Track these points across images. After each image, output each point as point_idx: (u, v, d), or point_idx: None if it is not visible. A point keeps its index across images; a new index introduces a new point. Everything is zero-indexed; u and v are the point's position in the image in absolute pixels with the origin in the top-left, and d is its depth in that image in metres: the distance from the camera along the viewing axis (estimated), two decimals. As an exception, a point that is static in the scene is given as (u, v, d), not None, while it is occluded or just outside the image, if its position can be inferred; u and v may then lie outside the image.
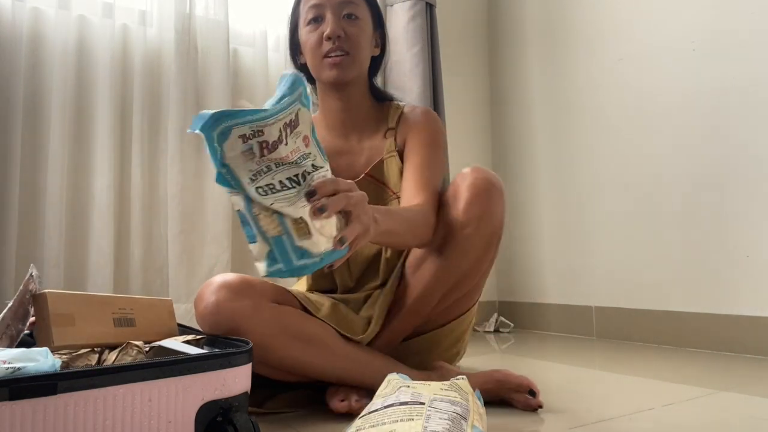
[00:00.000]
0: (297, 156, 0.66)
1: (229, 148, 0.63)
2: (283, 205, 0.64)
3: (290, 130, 0.66)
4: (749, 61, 1.61)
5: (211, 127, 0.62)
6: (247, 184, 0.64)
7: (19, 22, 1.54)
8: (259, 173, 0.64)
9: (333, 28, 1.07)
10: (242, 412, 0.65)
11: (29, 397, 0.51)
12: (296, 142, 0.66)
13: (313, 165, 0.68)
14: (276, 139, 0.64)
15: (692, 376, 1.28)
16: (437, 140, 1.14)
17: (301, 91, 0.68)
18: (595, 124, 2.04)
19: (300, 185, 0.66)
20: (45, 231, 1.53)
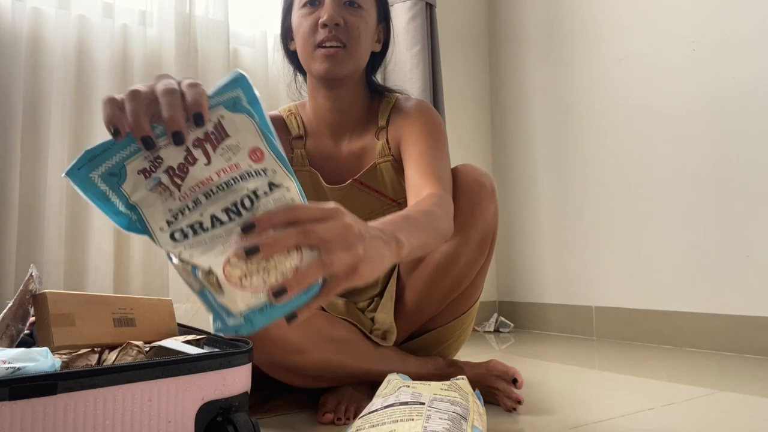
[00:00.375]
0: (231, 176, 0.50)
1: (132, 189, 0.49)
2: (193, 253, 0.48)
3: (212, 145, 0.50)
4: (749, 61, 1.61)
5: (87, 168, 0.48)
6: (159, 231, 0.49)
7: (19, 22, 1.54)
8: (182, 211, 0.49)
9: (331, 14, 0.95)
10: (242, 412, 0.65)
11: (29, 397, 0.51)
12: (230, 159, 0.50)
13: (270, 184, 0.50)
14: (182, 160, 0.49)
15: (692, 376, 1.28)
16: (436, 129, 1.01)
17: (236, 94, 0.52)
18: (595, 123, 2.04)
19: (242, 215, 0.49)
20: (45, 231, 1.53)
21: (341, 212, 0.51)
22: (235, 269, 0.47)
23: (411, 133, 1.00)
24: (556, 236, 2.18)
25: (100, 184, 0.49)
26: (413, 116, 1.03)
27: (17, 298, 0.71)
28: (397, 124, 1.04)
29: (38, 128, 1.57)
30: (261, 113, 0.53)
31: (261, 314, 0.48)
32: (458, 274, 1.01)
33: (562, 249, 2.15)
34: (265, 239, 0.46)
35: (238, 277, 0.47)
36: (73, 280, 1.58)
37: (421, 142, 0.97)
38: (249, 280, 0.48)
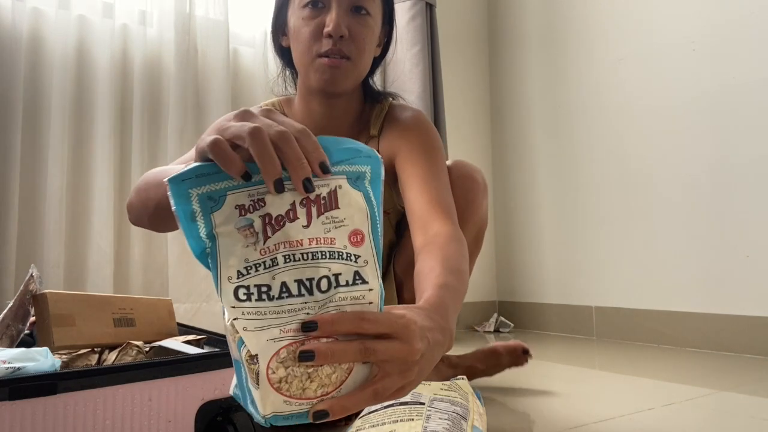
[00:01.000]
0: (321, 249, 0.46)
1: (222, 221, 0.45)
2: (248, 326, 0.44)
3: (318, 210, 0.47)
4: (749, 61, 1.61)
5: (191, 183, 0.45)
6: (226, 281, 0.45)
7: (19, 23, 1.54)
8: (257, 266, 0.45)
9: (337, 24, 0.87)
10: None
11: (29, 397, 0.51)
12: (329, 231, 0.46)
13: (355, 274, 0.46)
14: (283, 213, 0.45)
15: (692, 376, 1.28)
16: (435, 147, 0.95)
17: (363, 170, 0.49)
18: (595, 123, 2.04)
19: (313, 294, 0.45)
20: (45, 231, 1.53)
21: (410, 332, 0.46)
22: (280, 369, 0.44)
23: (409, 152, 0.93)
24: (556, 236, 2.18)
25: (195, 203, 0.45)
26: (410, 131, 0.96)
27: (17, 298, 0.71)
28: (391, 136, 0.97)
29: (38, 128, 1.57)
30: (378, 198, 0.50)
31: (284, 419, 0.45)
32: None
33: (562, 249, 2.15)
34: (323, 349, 0.43)
35: (278, 379, 0.44)
36: (73, 280, 1.58)
37: (421, 163, 0.91)
38: (288, 385, 0.44)
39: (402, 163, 0.93)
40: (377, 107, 1.02)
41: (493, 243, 2.39)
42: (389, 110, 1.01)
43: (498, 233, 2.40)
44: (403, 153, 0.94)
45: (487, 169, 2.47)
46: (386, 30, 1.01)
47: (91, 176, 1.62)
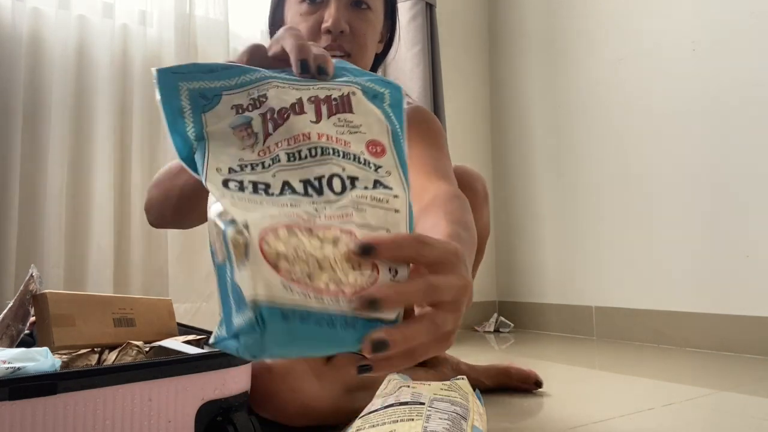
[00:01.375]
0: (333, 146, 0.38)
1: (214, 120, 0.39)
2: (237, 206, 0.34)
3: (329, 110, 0.40)
4: (749, 61, 1.61)
5: (181, 76, 0.40)
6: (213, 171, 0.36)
7: (19, 22, 1.54)
8: (253, 166, 0.37)
9: (336, 19, 0.83)
10: (242, 411, 0.65)
11: (29, 397, 0.50)
12: (343, 133, 0.39)
13: (375, 182, 0.37)
14: (287, 105, 0.39)
15: (692, 376, 1.28)
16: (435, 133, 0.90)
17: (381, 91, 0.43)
18: (595, 123, 2.04)
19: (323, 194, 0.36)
20: (45, 231, 1.53)
21: (462, 263, 0.37)
22: (278, 244, 0.32)
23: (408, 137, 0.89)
24: (556, 236, 2.18)
25: (184, 98, 0.40)
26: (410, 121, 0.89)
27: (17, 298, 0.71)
28: None
29: (38, 128, 1.57)
30: (401, 123, 0.42)
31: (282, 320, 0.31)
32: None
33: (562, 249, 2.15)
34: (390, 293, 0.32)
35: (275, 254, 0.31)
36: (73, 280, 1.58)
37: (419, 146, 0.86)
38: (289, 265, 0.32)
39: None
40: None
41: (493, 243, 2.39)
42: None
43: (498, 233, 2.40)
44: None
45: (487, 169, 2.47)
46: (388, 25, 0.97)
47: (91, 176, 1.62)
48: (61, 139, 1.56)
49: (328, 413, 0.80)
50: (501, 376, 1.12)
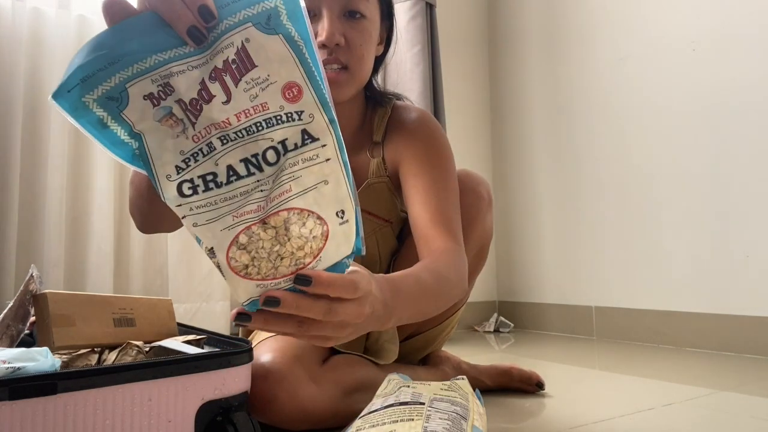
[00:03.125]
0: (255, 120, 0.40)
1: (138, 117, 0.40)
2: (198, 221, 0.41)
3: (233, 78, 0.40)
4: (749, 61, 1.61)
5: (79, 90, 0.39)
6: (165, 180, 0.40)
7: (19, 22, 1.54)
8: (195, 156, 0.40)
9: (330, 32, 0.81)
10: (242, 411, 0.65)
11: (29, 397, 0.50)
12: (256, 97, 0.40)
13: (303, 133, 0.41)
14: (195, 95, 0.40)
15: (692, 376, 1.28)
16: (441, 154, 0.90)
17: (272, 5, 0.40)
18: (595, 123, 2.04)
19: (263, 170, 0.41)
20: (45, 231, 1.53)
21: (366, 299, 0.49)
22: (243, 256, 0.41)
23: (412, 160, 0.89)
24: (556, 236, 2.18)
25: (96, 109, 0.39)
26: (413, 137, 0.92)
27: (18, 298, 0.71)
28: (396, 142, 0.93)
29: (38, 128, 1.57)
30: (306, 34, 0.41)
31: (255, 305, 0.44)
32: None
33: (562, 249, 2.15)
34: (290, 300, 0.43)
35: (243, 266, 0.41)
36: (73, 280, 1.58)
37: (424, 173, 0.86)
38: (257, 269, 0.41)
39: (405, 174, 0.89)
40: (380, 111, 0.97)
41: (494, 243, 2.39)
42: (392, 113, 0.96)
43: (498, 233, 2.40)
44: (406, 162, 0.90)
45: (487, 169, 2.47)
46: (386, 25, 0.95)
47: (91, 176, 1.62)
48: (61, 139, 1.57)
49: (326, 416, 0.80)
50: (502, 376, 1.11)
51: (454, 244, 0.79)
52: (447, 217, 0.82)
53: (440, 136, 0.93)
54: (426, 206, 0.83)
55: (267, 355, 0.78)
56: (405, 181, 0.89)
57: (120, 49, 0.39)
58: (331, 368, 0.85)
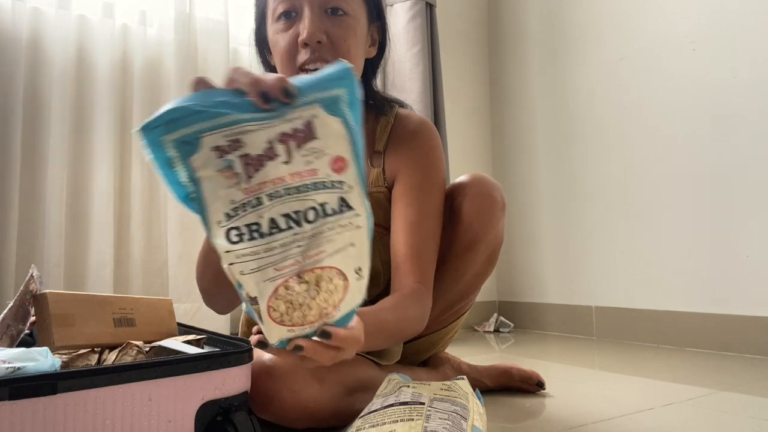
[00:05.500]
0: (305, 181, 0.47)
1: (202, 165, 0.46)
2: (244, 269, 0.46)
3: (297, 144, 0.47)
4: (749, 61, 1.61)
5: (163, 130, 0.45)
6: (215, 225, 0.46)
7: (19, 22, 1.54)
8: (243, 207, 0.46)
9: (311, 31, 0.81)
10: (242, 411, 0.65)
11: (29, 397, 0.50)
12: (310, 163, 0.47)
13: (341, 201, 0.48)
14: (261, 152, 0.46)
15: (692, 376, 1.28)
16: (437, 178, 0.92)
17: (337, 93, 0.49)
18: (595, 123, 2.04)
19: (302, 227, 0.47)
20: (45, 231, 1.53)
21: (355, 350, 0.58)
22: (280, 306, 0.48)
23: (409, 181, 0.91)
24: (556, 236, 2.18)
25: (170, 149, 0.46)
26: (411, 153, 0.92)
27: (18, 298, 0.71)
28: (395, 154, 0.93)
29: (38, 128, 1.57)
30: (357, 120, 0.50)
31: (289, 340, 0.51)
32: (465, 286, 1.00)
33: (562, 249, 2.15)
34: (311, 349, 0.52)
35: (279, 315, 0.48)
36: (73, 280, 1.58)
37: (417, 200, 0.89)
38: (290, 317, 0.48)
39: (398, 196, 0.91)
40: (383, 120, 0.96)
41: (493, 243, 2.39)
42: (395, 122, 0.96)
43: (498, 233, 2.40)
44: (401, 182, 0.91)
45: (487, 169, 2.47)
46: (378, 26, 0.94)
47: (91, 176, 1.62)
48: (61, 139, 1.56)
49: (328, 415, 0.80)
50: (503, 376, 1.11)
51: (421, 286, 0.85)
52: (423, 254, 0.87)
53: (438, 156, 0.95)
54: (407, 239, 0.87)
55: (269, 353, 0.78)
56: (395, 203, 0.91)
57: (207, 103, 0.46)
58: (333, 367, 0.84)
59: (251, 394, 0.72)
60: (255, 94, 0.47)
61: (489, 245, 0.97)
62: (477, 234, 0.93)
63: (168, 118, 0.45)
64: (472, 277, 1.00)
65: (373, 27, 0.93)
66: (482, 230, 0.93)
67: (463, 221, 0.93)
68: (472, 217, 0.92)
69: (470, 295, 1.03)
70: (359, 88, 0.51)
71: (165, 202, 1.71)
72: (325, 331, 0.51)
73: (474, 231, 0.92)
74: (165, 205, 1.71)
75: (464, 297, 1.02)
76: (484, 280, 1.03)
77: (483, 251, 0.96)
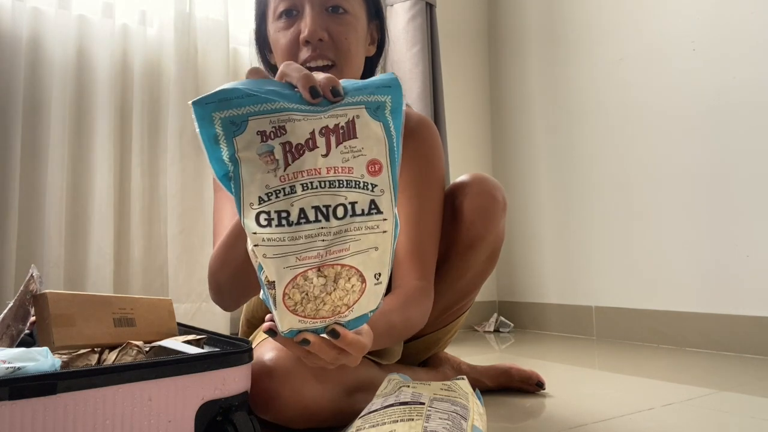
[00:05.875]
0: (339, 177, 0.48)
1: (244, 146, 0.47)
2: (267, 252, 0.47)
3: (337, 139, 0.48)
4: (749, 61, 1.61)
5: (214, 107, 0.47)
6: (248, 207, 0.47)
7: (19, 22, 1.54)
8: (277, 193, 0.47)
9: (312, 29, 0.82)
10: (242, 411, 0.65)
11: (29, 397, 0.50)
12: (347, 160, 0.48)
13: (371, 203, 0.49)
14: (302, 141, 0.47)
15: (692, 376, 1.28)
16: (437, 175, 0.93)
17: (383, 100, 0.51)
18: (595, 123, 2.04)
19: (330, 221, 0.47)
20: (45, 231, 1.53)
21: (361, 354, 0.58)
22: (295, 294, 0.48)
23: (409, 178, 0.91)
24: (556, 236, 2.18)
25: (218, 126, 0.48)
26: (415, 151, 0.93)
27: (18, 298, 0.71)
28: None
29: (38, 128, 1.57)
30: (398, 129, 0.52)
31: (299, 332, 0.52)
32: (465, 286, 1.00)
33: (562, 249, 2.15)
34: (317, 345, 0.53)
35: (294, 304, 0.48)
36: (73, 280, 1.58)
37: (419, 195, 0.90)
38: (303, 308, 0.49)
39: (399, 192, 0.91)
40: None
41: (493, 243, 2.39)
42: None
43: (498, 233, 2.40)
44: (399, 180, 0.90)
45: (487, 170, 2.47)
46: (376, 25, 0.95)
47: (91, 176, 1.62)
48: (61, 139, 1.56)
49: (328, 415, 0.80)
50: (502, 376, 1.11)
51: (423, 283, 0.86)
52: (424, 251, 0.88)
53: (438, 152, 0.95)
54: (408, 235, 0.88)
55: (271, 353, 0.78)
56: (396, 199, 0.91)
57: (258, 89, 0.48)
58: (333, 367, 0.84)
59: (251, 393, 0.72)
60: (305, 88, 0.49)
61: (490, 245, 0.97)
62: (478, 233, 0.93)
63: (221, 97, 0.47)
64: (473, 277, 1.00)
65: (372, 25, 0.94)
66: (483, 230, 0.94)
67: (464, 221, 0.93)
68: (473, 217, 0.92)
69: (470, 294, 1.03)
70: (404, 100, 0.52)
71: (165, 202, 1.71)
72: (335, 330, 0.51)
73: (475, 230, 0.93)
74: (165, 205, 1.71)
75: (464, 296, 1.02)
76: (485, 279, 1.03)
77: (484, 251, 0.96)
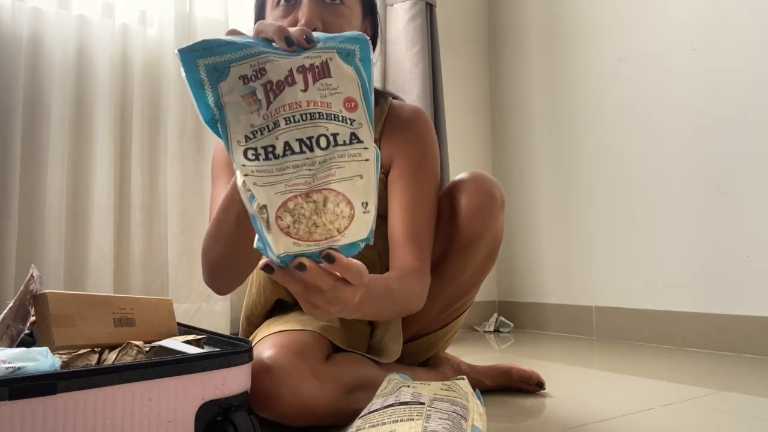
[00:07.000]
0: (319, 110, 0.52)
1: (228, 91, 0.51)
2: (257, 181, 0.50)
3: (314, 77, 0.53)
4: (749, 61, 1.61)
5: (198, 54, 0.51)
6: (236, 144, 0.51)
7: (19, 22, 1.54)
8: (261, 130, 0.51)
9: (309, 17, 0.85)
10: (242, 411, 0.65)
11: (29, 397, 0.51)
12: (325, 96, 0.52)
13: (352, 135, 0.52)
14: (282, 78, 0.52)
15: (692, 376, 1.28)
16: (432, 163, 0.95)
17: (352, 47, 0.55)
18: (595, 123, 2.04)
19: (314, 151, 0.51)
20: (45, 231, 1.53)
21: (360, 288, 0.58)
22: (287, 217, 0.50)
23: (405, 167, 0.94)
24: (556, 236, 2.18)
25: (203, 72, 0.51)
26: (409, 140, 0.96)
27: (18, 298, 0.71)
28: (392, 142, 0.97)
29: (38, 128, 1.57)
30: (369, 75, 0.56)
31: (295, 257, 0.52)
32: (464, 284, 0.99)
33: (562, 249, 2.15)
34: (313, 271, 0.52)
35: (286, 225, 0.50)
36: (73, 280, 1.58)
37: (415, 183, 0.92)
38: (296, 229, 0.50)
39: (394, 180, 0.94)
40: (376, 110, 0.98)
41: (493, 243, 2.39)
42: (389, 112, 1.00)
43: (498, 233, 2.40)
44: (397, 168, 0.95)
45: (487, 169, 2.47)
46: (371, 21, 0.97)
47: (91, 176, 1.62)
48: (61, 139, 1.56)
49: (327, 413, 0.80)
50: (502, 376, 1.11)
51: (420, 264, 0.88)
52: (421, 236, 0.90)
53: (433, 141, 0.98)
54: (404, 221, 0.90)
55: (270, 351, 0.79)
56: (392, 188, 0.94)
57: (238, 40, 0.53)
58: (333, 365, 0.85)
59: (251, 392, 0.72)
60: (280, 39, 0.54)
61: (488, 242, 0.97)
62: (476, 231, 0.93)
63: (204, 46, 0.51)
64: (472, 275, 0.99)
65: (367, 21, 0.97)
66: (482, 227, 0.94)
67: (462, 218, 0.93)
68: (471, 215, 0.93)
69: (470, 293, 1.03)
70: (372, 53, 0.57)
71: (165, 202, 1.71)
72: (330, 254, 0.52)
73: (473, 228, 0.93)
74: (165, 205, 1.71)
75: (464, 295, 1.02)
76: (484, 278, 1.03)
77: (482, 249, 0.96)
